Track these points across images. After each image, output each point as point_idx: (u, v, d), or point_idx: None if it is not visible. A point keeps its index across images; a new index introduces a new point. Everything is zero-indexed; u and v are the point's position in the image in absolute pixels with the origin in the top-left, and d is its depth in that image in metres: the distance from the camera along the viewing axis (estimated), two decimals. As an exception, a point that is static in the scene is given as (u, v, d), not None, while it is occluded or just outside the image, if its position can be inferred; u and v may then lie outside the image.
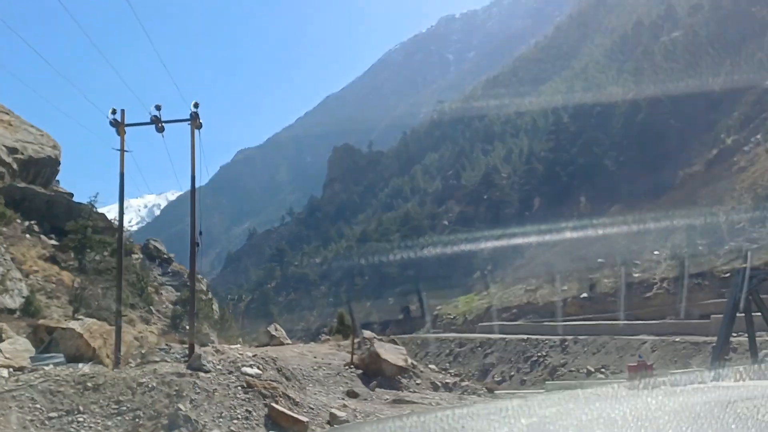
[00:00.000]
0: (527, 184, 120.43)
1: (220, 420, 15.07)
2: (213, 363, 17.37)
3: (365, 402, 20.00)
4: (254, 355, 19.73)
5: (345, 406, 18.62)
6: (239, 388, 16.54)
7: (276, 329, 33.89)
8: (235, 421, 15.19)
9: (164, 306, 37.34)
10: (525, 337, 64.25)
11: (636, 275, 77.29)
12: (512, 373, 60.23)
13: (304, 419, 16.26)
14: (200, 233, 20.06)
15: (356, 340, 26.87)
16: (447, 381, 26.33)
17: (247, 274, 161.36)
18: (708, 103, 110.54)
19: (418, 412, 18.01)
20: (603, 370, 52.90)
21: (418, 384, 24.32)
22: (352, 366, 23.85)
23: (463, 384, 27.13)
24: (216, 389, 16.06)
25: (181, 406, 14.96)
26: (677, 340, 58.92)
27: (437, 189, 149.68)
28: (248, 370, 17.99)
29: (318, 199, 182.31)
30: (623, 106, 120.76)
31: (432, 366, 33.85)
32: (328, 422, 17.13)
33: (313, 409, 17.56)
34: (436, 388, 24.75)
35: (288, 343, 32.28)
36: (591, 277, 79.29)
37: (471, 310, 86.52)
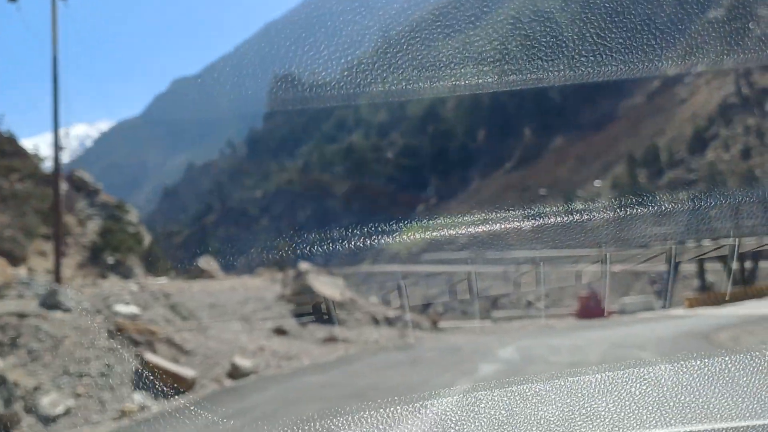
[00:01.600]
0: (473, 116, 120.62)
1: (63, 379, 10.80)
2: (76, 300, 13.74)
3: (293, 341, 17.41)
4: (141, 289, 16.73)
5: (261, 349, 15.23)
6: (103, 333, 12.73)
7: (207, 262, 32.15)
8: (85, 380, 10.92)
9: (86, 238, 35.73)
10: (469, 268, 65.27)
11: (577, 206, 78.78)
12: (455, 305, 61.86)
13: (191, 374, 12.43)
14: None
15: (292, 273, 25.20)
16: (389, 315, 25.13)
17: (185, 209, 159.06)
18: (651, 35, 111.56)
19: (350, 357, 15.86)
20: (543, 299, 54.55)
21: (357, 319, 23.08)
22: (284, 300, 21.79)
23: (407, 317, 26.59)
24: (68, 335, 11.89)
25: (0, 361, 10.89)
26: (617, 270, 61.36)
27: (382, 121, 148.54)
28: (122, 308, 14.36)
29: (258, 131, 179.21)
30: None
31: (374, 299, 33.11)
32: (230, 374, 13.50)
33: (212, 357, 13.80)
34: (377, 322, 23.75)
35: (220, 277, 30.37)
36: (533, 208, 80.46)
37: (416, 242, 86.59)
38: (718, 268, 30.46)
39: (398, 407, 2.93)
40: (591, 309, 22.75)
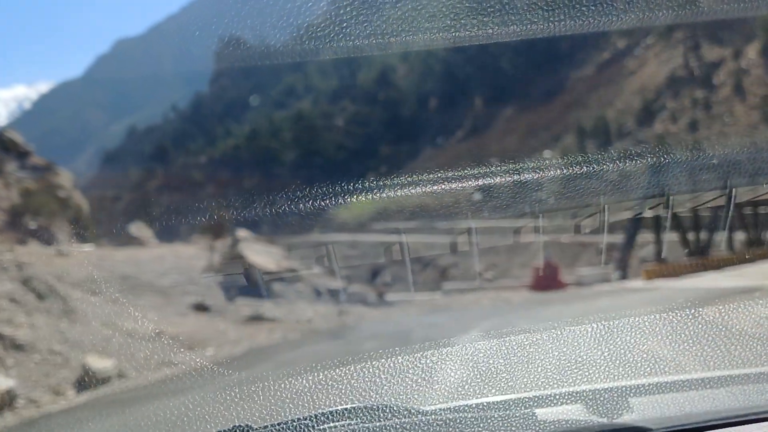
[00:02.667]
0: (424, 84, 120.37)
1: None
2: None
3: (212, 319, 15.06)
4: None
5: (160, 334, 12.18)
6: None
7: (139, 229, 30.91)
8: None
9: (8, 202, 34.23)
10: (417, 238, 65.67)
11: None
12: (403, 275, 62.03)
13: (4, 386, 8.81)
14: None
15: (228, 242, 23.77)
16: (332, 287, 23.85)
17: (126, 173, 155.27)
18: (601, 6, 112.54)
19: (265, 349, 13.46)
20: (491, 270, 55.33)
21: (299, 291, 21.59)
22: (212, 271, 20.32)
23: (351, 290, 25.83)
24: None
25: None
26: (566, 241, 62.12)
27: (332, 88, 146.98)
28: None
29: (204, 94, 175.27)
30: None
31: (317, 270, 31.80)
32: (80, 381, 9.89)
33: (63, 354, 10.28)
34: (318, 294, 22.55)
35: (151, 245, 28.78)
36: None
37: (366, 211, 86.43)
38: (675, 239, 30.88)
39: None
40: (546, 280, 22.42)
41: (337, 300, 22.57)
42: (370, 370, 3.15)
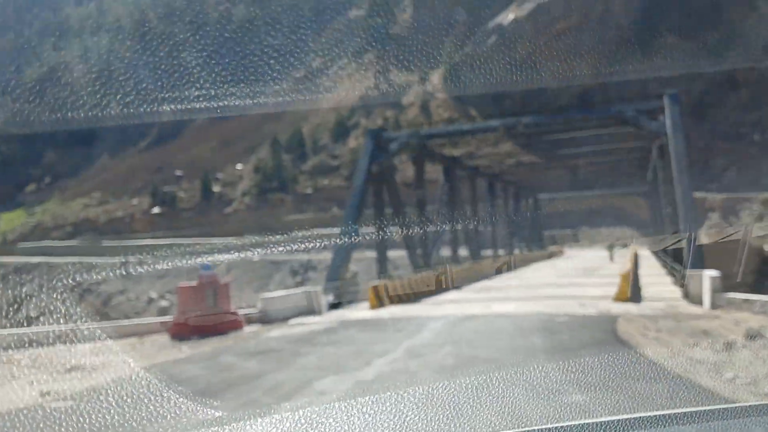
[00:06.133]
0: (104, 87, 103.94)
1: None
2: None
3: None
4: None
5: None
6: None
7: None
8: None
9: None
10: (76, 259, 51.91)
11: (216, 189, 70.21)
12: (54, 306, 47.69)
13: None
14: None
15: None
16: None
17: None
18: (299, 25, 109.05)
19: None
20: (167, 296, 44.27)
21: None
22: None
23: None
24: None
25: None
26: (256, 259, 53.72)
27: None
28: None
29: None
30: (215, 14, 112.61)
31: None
32: None
33: None
34: None
35: None
36: (166, 191, 69.80)
37: (13, 228, 69.37)
38: (396, 255, 23.85)
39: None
40: (195, 320, 12.32)
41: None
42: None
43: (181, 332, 11.15)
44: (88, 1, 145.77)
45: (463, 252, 28.34)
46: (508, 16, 77.22)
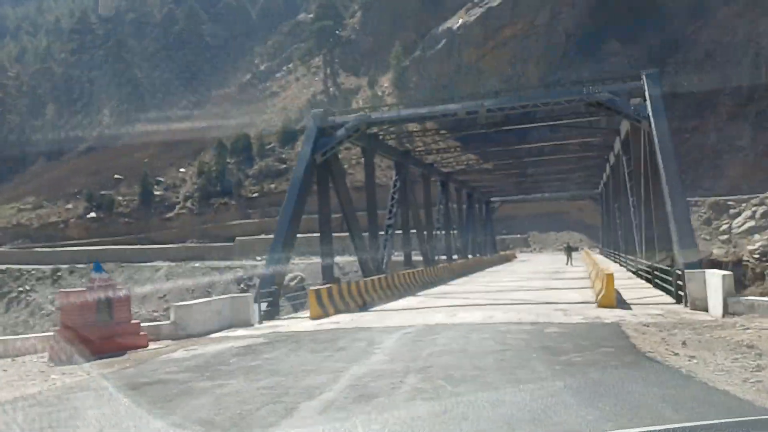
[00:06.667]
0: (40, 88, 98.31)
1: None
2: None
3: None
4: None
5: None
6: None
7: None
8: None
9: None
10: (3, 267, 47.77)
11: (157, 193, 66.29)
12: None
13: None
14: None
15: None
16: None
17: None
18: (245, 29, 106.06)
19: None
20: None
21: None
22: None
23: None
24: None
25: None
26: (197, 265, 50.43)
27: None
28: None
29: None
30: (160, 15, 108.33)
31: None
32: None
33: None
34: None
35: None
36: (103, 194, 65.51)
37: None
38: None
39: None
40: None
41: None
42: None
43: (60, 353, 8.36)
44: (28, 3, 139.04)
45: (416, 255, 25.96)
46: (458, 21, 75.63)
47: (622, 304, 12.23)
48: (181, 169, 70.54)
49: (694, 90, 51.10)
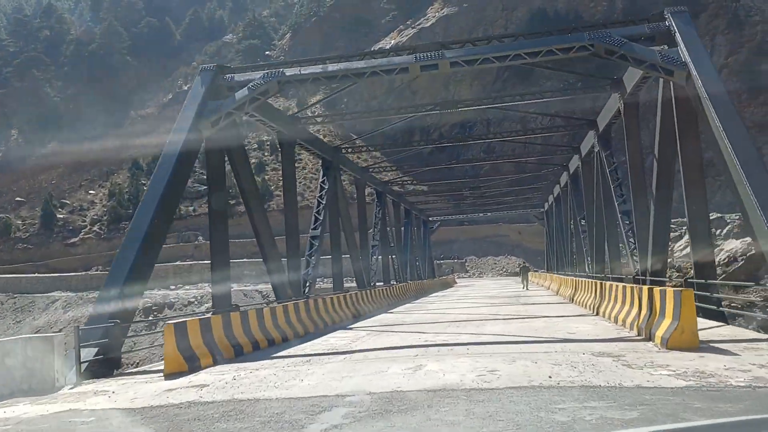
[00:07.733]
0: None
1: None
2: None
3: None
4: None
5: None
6: None
7: None
8: None
9: None
10: None
11: (61, 216, 58.59)
12: None
13: None
14: None
15: None
16: None
17: None
18: (169, 50, 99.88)
19: None
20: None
21: None
22: None
23: None
24: None
25: None
26: (95, 296, 43.39)
27: None
28: None
29: None
30: (76, 32, 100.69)
31: None
32: None
33: None
34: None
35: None
36: (1, 218, 57.42)
37: None
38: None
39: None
40: None
41: None
42: None
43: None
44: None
45: (343, 276, 20.49)
46: (390, 43, 71.71)
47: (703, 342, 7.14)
48: (91, 191, 63.06)
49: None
